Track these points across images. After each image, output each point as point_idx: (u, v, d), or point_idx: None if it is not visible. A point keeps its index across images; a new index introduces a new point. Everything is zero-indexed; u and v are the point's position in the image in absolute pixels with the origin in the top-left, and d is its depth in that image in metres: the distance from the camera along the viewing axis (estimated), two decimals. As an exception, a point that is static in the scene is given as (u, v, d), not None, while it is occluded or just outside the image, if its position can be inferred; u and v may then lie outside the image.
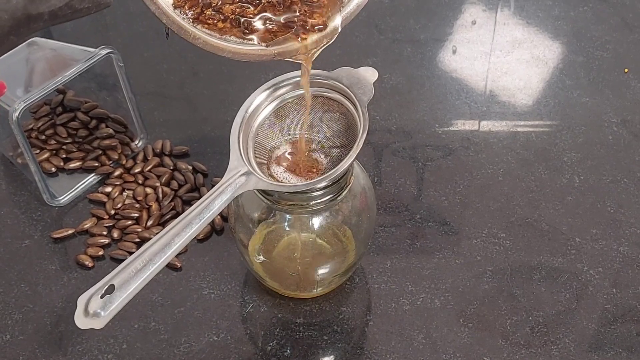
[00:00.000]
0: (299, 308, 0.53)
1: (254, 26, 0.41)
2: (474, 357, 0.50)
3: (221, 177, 0.41)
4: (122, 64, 0.58)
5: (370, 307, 0.54)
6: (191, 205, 0.40)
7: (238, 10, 0.41)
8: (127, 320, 0.52)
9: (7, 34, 0.31)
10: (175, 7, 0.40)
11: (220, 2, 0.41)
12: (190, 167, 0.63)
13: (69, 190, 0.61)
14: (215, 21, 0.41)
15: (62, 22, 0.34)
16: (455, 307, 0.53)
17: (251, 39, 0.42)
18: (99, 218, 0.59)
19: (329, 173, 0.42)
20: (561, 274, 0.55)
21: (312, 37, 0.42)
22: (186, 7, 0.40)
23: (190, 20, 0.40)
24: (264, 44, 0.42)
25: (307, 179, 0.46)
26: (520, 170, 0.63)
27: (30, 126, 0.63)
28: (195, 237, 0.51)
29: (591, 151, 0.65)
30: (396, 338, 0.51)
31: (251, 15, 0.41)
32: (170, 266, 0.56)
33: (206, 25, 0.41)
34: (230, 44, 0.41)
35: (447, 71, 0.74)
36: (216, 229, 0.58)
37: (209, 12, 0.41)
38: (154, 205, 0.60)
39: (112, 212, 0.59)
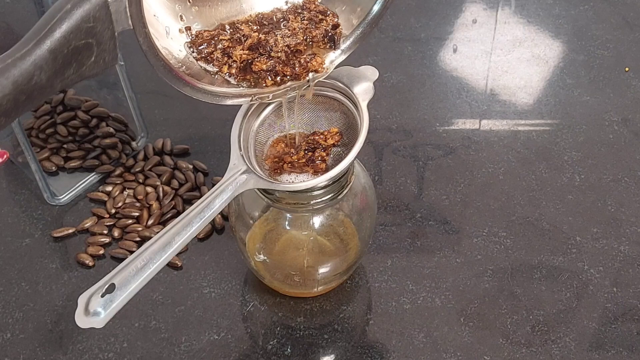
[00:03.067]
0: (299, 307, 0.53)
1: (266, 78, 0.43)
2: (475, 356, 0.50)
3: (222, 176, 0.41)
4: (122, 63, 0.58)
5: (371, 306, 0.54)
6: (192, 204, 0.40)
7: (245, 56, 0.42)
8: (128, 319, 0.52)
9: (20, 111, 0.31)
10: (191, 46, 0.42)
11: (230, 45, 0.42)
12: (191, 166, 0.63)
13: (69, 189, 0.61)
14: (220, 64, 0.42)
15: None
16: (456, 306, 0.53)
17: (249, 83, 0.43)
18: (100, 217, 0.59)
19: (330, 172, 0.42)
20: (562, 273, 0.55)
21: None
22: (198, 45, 0.42)
23: (197, 57, 0.42)
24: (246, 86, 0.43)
25: (314, 173, 0.46)
26: (521, 169, 0.63)
27: (31, 125, 0.63)
28: (195, 236, 0.51)
29: (592, 150, 0.65)
30: (397, 337, 0.51)
31: (262, 69, 0.42)
32: (170, 265, 0.56)
33: (212, 63, 0.42)
34: (209, 86, 0.42)
35: (447, 70, 0.74)
36: (217, 228, 0.58)
37: (217, 54, 0.42)
38: (155, 204, 0.60)
39: (113, 211, 0.59)
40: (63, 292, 0.54)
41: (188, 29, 0.42)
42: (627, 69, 0.73)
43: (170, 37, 0.41)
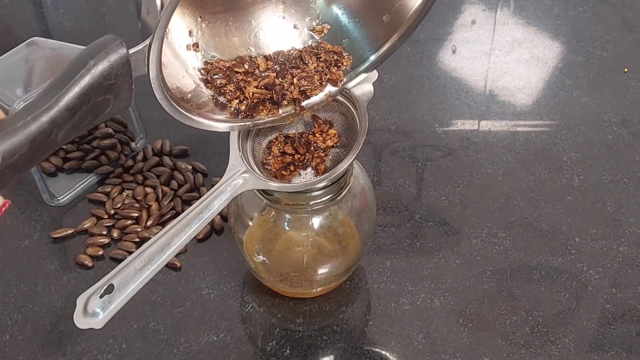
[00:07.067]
0: (298, 308, 0.53)
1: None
2: (474, 357, 0.50)
3: (221, 177, 0.41)
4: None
5: (370, 307, 0.53)
6: (191, 205, 0.40)
7: (257, 95, 0.42)
8: (127, 320, 0.52)
9: (33, 165, 0.31)
10: (207, 72, 0.42)
11: (244, 79, 0.42)
12: (190, 167, 0.63)
13: (68, 190, 0.61)
14: (232, 97, 0.42)
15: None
16: (455, 307, 0.53)
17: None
18: (99, 218, 0.59)
19: (329, 173, 0.42)
20: (561, 274, 0.55)
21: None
22: (212, 74, 0.42)
23: (210, 87, 0.42)
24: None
25: (316, 171, 0.46)
26: (520, 170, 0.63)
27: (30, 126, 0.63)
28: (194, 237, 0.50)
29: (591, 151, 0.65)
30: (396, 338, 0.51)
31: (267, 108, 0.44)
32: (169, 266, 0.56)
33: (222, 95, 0.43)
34: (209, 115, 0.42)
35: (446, 71, 0.74)
36: (216, 229, 0.58)
37: (230, 87, 0.42)
38: (154, 205, 0.60)
39: (112, 211, 0.59)
40: (62, 293, 0.54)
41: (196, 45, 0.41)
42: (626, 69, 0.73)
43: (179, 59, 0.41)
